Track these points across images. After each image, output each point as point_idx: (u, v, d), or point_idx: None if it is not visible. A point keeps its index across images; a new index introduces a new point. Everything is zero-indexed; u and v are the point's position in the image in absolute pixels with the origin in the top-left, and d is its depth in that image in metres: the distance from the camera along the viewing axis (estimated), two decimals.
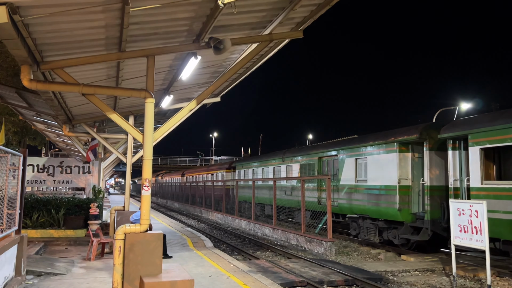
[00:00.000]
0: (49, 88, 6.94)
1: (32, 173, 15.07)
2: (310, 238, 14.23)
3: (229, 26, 7.01)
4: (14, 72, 18.82)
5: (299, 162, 20.67)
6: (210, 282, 8.22)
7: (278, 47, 8.66)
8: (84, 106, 11.22)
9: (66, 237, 13.25)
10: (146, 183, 6.58)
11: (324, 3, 6.66)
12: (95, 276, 8.59)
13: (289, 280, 9.44)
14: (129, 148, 12.80)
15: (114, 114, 6.95)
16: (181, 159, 79.08)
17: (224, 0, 5.36)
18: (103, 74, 8.64)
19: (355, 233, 16.23)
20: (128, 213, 11.44)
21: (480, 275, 10.28)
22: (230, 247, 15.38)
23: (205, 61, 8.87)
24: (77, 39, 6.25)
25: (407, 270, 10.97)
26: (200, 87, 11.87)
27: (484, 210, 8.85)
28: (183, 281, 5.86)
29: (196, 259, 10.73)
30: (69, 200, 14.05)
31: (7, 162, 7.21)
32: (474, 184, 10.88)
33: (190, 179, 43.34)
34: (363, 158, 15.59)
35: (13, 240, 7.28)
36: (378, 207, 14.41)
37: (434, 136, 12.90)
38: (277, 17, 6.94)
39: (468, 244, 9.27)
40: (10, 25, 4.61)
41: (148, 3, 5.29)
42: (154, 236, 6.43)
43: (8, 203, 7.25)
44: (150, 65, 6.95)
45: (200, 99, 7.57)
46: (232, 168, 31.81)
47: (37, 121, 16.56)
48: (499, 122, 10.36)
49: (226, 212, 24.76)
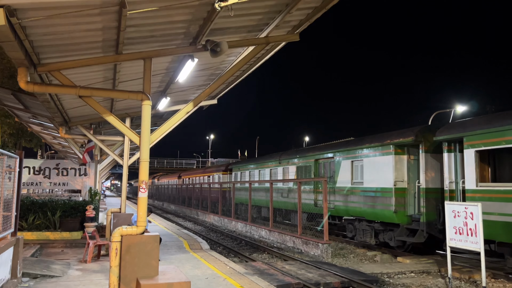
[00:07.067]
0: (46, 90, 6.94)
1: (28, 175, 15.01)
2: (306, 240, 14.25)
3: (226, 29, 7.04)
4: (10, 74, 18.75)
5: (295, 164, 20.71)
6: (207, 284, 8.23)
7: (274, 50, 8.70)
8: (80, 108, 11.21)
9: (62, 239, 13.21)
10: (143, 185, 6.59)
11: (320, 7, 6.71)
12: (91, 278, 8.58)
13: (285, 282, 9.46)
14: (126, 150, 12.80)
15: (111, 116, 6.96)
16: (177, 161, 78.91)
17: (221, 3, 5.39)
18: (100, 76, 8.65)
19: (351, 235, 16.27)
20: (124, 215, 11.43)
21: (476, 277, 10.33)
22: (227, 249, 15.38)
23: (202, 64, 8.90)
24: (74, 42, 6.26)
25: (403, 272, 11.01)
26: (197, 90, 11.89)
27: (479, 212, 8.91)
28: (180, 283, 5.87)
29: (192, 261, 10.73)
30: (65, 202, 14.01)
31: (3, 164, 7.19)
32: (469, 186, 10.94)
33: (187, 181, 43.29)
34: (359, 160, 15.65)
35: (9, 242, 7.26)
36: (374, 209, 14.46)
37: (429, 139, 12.97)
38: (273, 20, 6.98)
39: (464, 246, 9.33)
40: (7, 27, 4.62)
41: (145, 6, 5.31)
42: (151, 238, 6.44)
43: (4, 205, 7.24)
44: (147, 67, 6.97)
45: (197, 102, 7.60)
46: (229, 170, 31.82)
47: (33, 123, 16.53)
48: (494, 125, 10.44)
49: (222, 214, 24.74)
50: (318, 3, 6.67)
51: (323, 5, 6.64)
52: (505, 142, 10.09)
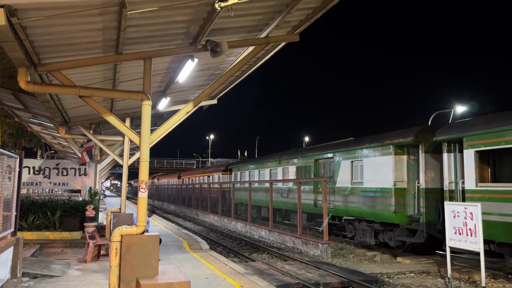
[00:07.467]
0: (46, 90, 6.94)
1: (28, 175, 15.00)
2: (306, 240, 14.26)
3: (226, 29, 7.05)
4: (10, 74, 18.74)
5: (295, 164, 20.72)
6: (207, 284, 8.23)
7: (274, 50, 8.70)
8: (80, 108, 11.22)
9: (62, 239, 13.21)
10: (143, 185, 6.60)
11: (320, 7, 6.72)
12: (91, 278, 8.59)
13: (285, 282, 9.47)
14: (126, 150, 12.80)
15: (111, 116, 6.97)
16: (177, 161, 78.93)
17: (221, 4, 5.40)
18: (100, 76, 8.65)
19: (351, 235, 16.28)
20: (124, 215, 11.42)
21: (475, 277, 10.34)
22: (227, 249, 15.39)
23: (202, 64, 8.90)
24: (75, 42, 6.27)
25: (403, 272, 11.02)
26: (197, 90, 11.89)
27: (478, 212, 8.92)
28: (180, 283, 5.88)
29: (192, 261, 10.73)
30: (65, 202, 14.01)
31: (3, 164, 7.20)
32: (469, 186, 10.95)
33: (187, 182, 43.30)
34: (359, 160, 15.65)
35: (9, 242, 7.27)
36: (374, 209, 14.47)
37: (429, 139, 12.98)
38: (273, 21, 6.98)
39: (463, 246, 9.33)
40: (7, 27, 4.63)
41: (146, 6, 5.32)
42: (151, 238, 6.45)
43: (4, 205, 7.25)
44: (147, 67, 6.97)
45: (197, 102, 7.61)
46: (229, 170, 31.82)
47: (33, 123, 16.54)
48: (494, 125, 10.45)
49: (222, 214, 24.75)
50: (318, 3, 6.68)
51: (323, 5, 6.64)
52: (504, 143, 10.10)
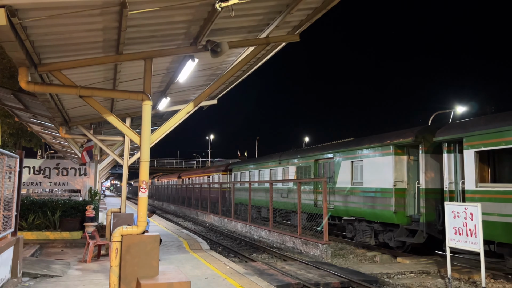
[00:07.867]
0: (46, 90, 6.94)
1: (28, 175, 15.01)
2: (306, 241, 14.26)
3: (226, 29, 7.06)
4: (10, 74, 18.75)
5: (295, 164, 20.72)
6: (207, 284, 8.24)
7: (274, 50, 8.71)
8: (80, 108, 11.23)
9: (62, 239, 13.21)
10: (143, 185, 6.60)
11: (321, 7, 6.73)
12: (91, 278, 8.59)
13: (285, 282, 9.47)
14: (126, 150, 12.81)
15: (111, 116, 6.98)
16: (177, 162, 78.95)
17: (222, 4, 5.40)
18: (100, 76, 8.66)
19: (351, 235, 16.28)
20: (124, 215, 11.43)
21: (475, 277, 10.34)
22: (227, 250, 15.39)
23: (202, 64, 8.91)
24: (75, 42, 6.28)
25: (403, 272, 11.02)
26: (197, 90, 11.90)
27: (478, 213, 8.92)
28: (180, 283, 5.88)
29: (192, 261, 10.74)
30: (65, 202, 14.01)
31: (3, 164, 7.20)
32: (469, 187, 10.96)
33: (187, 182, 43.30)
34: (359, 160, 15.66)
35: (9, 242, 7.27)
36: (374, 209, 14.47)
37: (429, 139, 12.98)
38: (274, 21, 6.99)
39: (463, 246, 9.34)
40: (8, 27, 4.64)
41: (146, 7, 5.33)
42: (151, 238, 6.45)
43: (4, 205, 7.25)
44: (147, 67, 6.98)
45: (197, 102, 7.61)
46: (229, 170, 31.82)
47: (33, 123, 16.54)
48: (494, 126, 10.45)
49: (222, 214, 24.75)
50: (319, 4, 6.68)
51: (323, 5, 6.65)
52: (504, 143, 10.10)
